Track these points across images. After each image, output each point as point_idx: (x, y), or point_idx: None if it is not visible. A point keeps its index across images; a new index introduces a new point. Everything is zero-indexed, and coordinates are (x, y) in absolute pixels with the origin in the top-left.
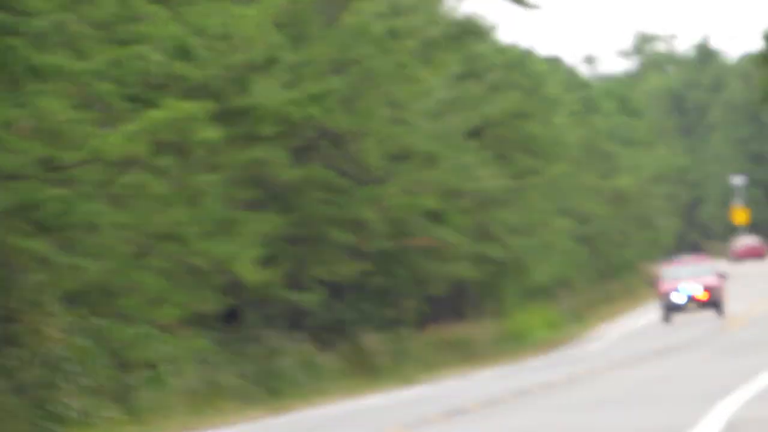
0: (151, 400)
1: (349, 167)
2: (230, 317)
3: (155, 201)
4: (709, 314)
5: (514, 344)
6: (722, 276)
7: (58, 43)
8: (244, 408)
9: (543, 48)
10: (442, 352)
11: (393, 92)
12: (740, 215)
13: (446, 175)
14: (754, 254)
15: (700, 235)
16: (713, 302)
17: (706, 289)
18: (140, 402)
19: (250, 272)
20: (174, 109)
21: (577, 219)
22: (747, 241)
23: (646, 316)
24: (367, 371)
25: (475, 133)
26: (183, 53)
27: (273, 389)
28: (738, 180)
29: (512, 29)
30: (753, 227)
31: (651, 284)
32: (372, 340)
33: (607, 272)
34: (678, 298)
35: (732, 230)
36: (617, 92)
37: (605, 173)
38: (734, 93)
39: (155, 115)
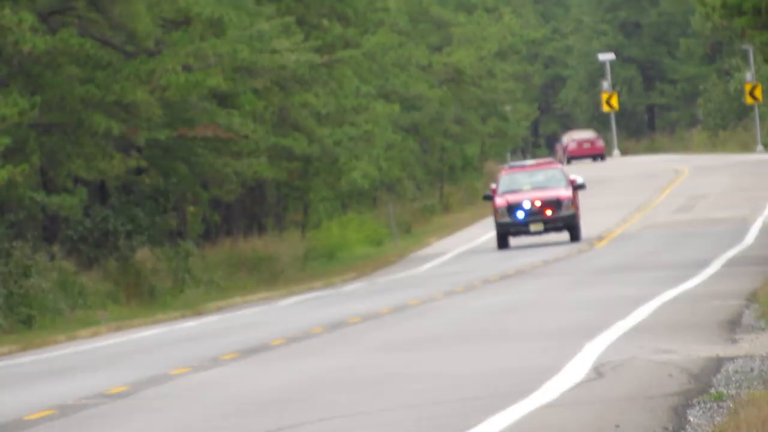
0: None
1: (113, 36)
2: None
3: None
4: (559, 238)
5: (325, 263)
6: (578, 186)
7: None
8: None
9: None
10: (236, 273)
11: None
12: (611, 101)
13: (235, 47)
14: (589, 153)
15: (560, 126)
16: (565, 222)
17: (554, 203)
18: None
19: None
20: None
21: (402, 104)
22: (580, 135)
23: (491, 230)
24: (140, 294)
25: None
26: None
27: (24, 318)
28: (605, 56)
29: None
30: (621, 116)
31: (486, 196)
32: (146, 256)
33: (443, 173)
34: (516, 216)
35: (601, 119)
36: None
37: (437, 46)
38: None
39: None
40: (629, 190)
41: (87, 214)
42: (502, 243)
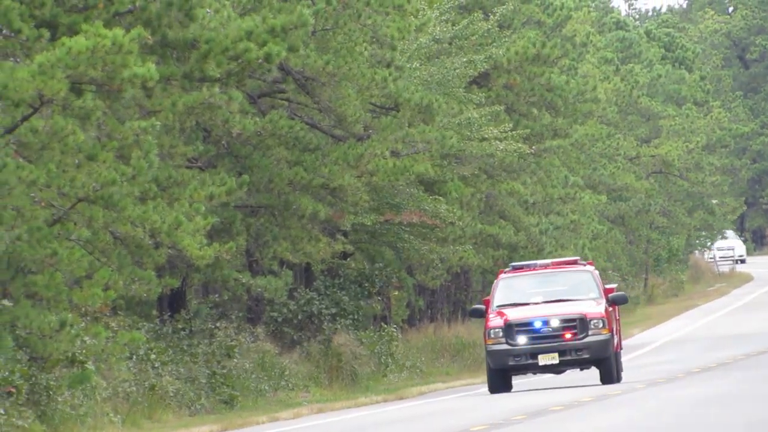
0: (74, 407)
1: (322, 119)
2: (172, 304)
3: (75, 153)
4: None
5: None
6: (615, 298)
7: None
8: (189, 420)
9: None
10: (439, 359)
11: (377, 26)
12: None
13: (444, 134)
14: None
15: (766, 221)
16: (593, 352)
17: (576, 323)
18: (60, 408)
19: (195, 247)
20: (98, 36)
21: (609, 194)
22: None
23: (696, 321)
24: (342, 378)
25: (480, 82)
26: None
27: (226, 398)
28: None
29: None
30: None
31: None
32: (347, 339)
33: (648, 264)
34: (517, 341)
35: None
36: (662, 35)
37: (645, 138)
38: None
39: (75, 43)
40: None
41: (291, 297)
42: (498, 384)
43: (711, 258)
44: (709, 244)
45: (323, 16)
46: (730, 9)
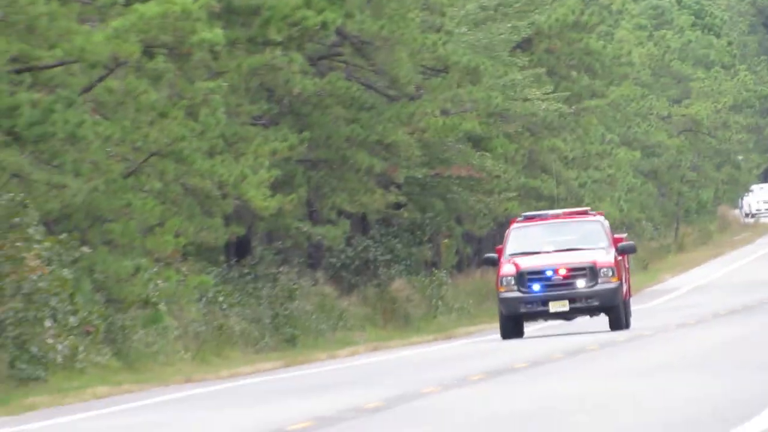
0: (148, 345)
1: (376, 80)
2: (239, 251)
3: (148, 111)
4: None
5: None
6: (625, 247)
7: None
8: (254, 357)
9: None
10: (485, 302)
11: None
12: None
13: (490, 94)
14: None
15: None
16: (602, 299)
17: (586, 271)
18: (135, 346)
19: (260, 198)
20: (168, 3)
21: (643, 151)
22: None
23: (723, 268)
24: (396, 319)
25: (524, 46)
26: None
27: (288, 336)
28: None
29: None
30: None
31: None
32: (401, 284)
33: (678, 215)
34: (530, 288)
35: None
36: (692, 3)
37: (676, 98)
38: None
39: (147, 9)
40: None
41: (349, 244)
42: (510, 330)
43: (749, 212)
44: (742, 195)
45: None
46: None
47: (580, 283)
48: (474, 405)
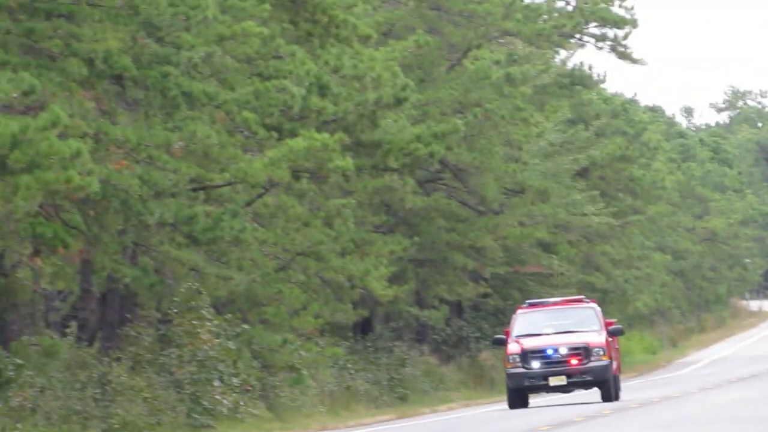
0: (293, 400)
1: (470, 199)
2: (363, 329)
3: (295, 221)
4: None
5: None
6: (614, 330)
7: (207, 74)
8: (374, 411)
9: (645, 98)
10: None
11: (509, 133)
12: None
13: (556, 210)
14: None
15: None
16: (595, 375)
17: (581, 351)
18: (283, 401)
19: (380, 288)
20: (311, 139)
21: (673, 255)
22: None
23: (734, 345)
24: (483, 383)
25: (582, 174)
26: (320, 89)
27: (401, 395)
28: None
29: (618, 80)
30: None
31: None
32: (488, 355)
33: (700, 304)
34: (532, 365)
35: None
36: (711, 142)
37: (699, 215)
38: None
39: (295, 143)
40: None
41: (448, 324)
42: (516, 401)
43: None
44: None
45: (471, 125)
46: (759, 124)
47: (576, 361)
48: None
